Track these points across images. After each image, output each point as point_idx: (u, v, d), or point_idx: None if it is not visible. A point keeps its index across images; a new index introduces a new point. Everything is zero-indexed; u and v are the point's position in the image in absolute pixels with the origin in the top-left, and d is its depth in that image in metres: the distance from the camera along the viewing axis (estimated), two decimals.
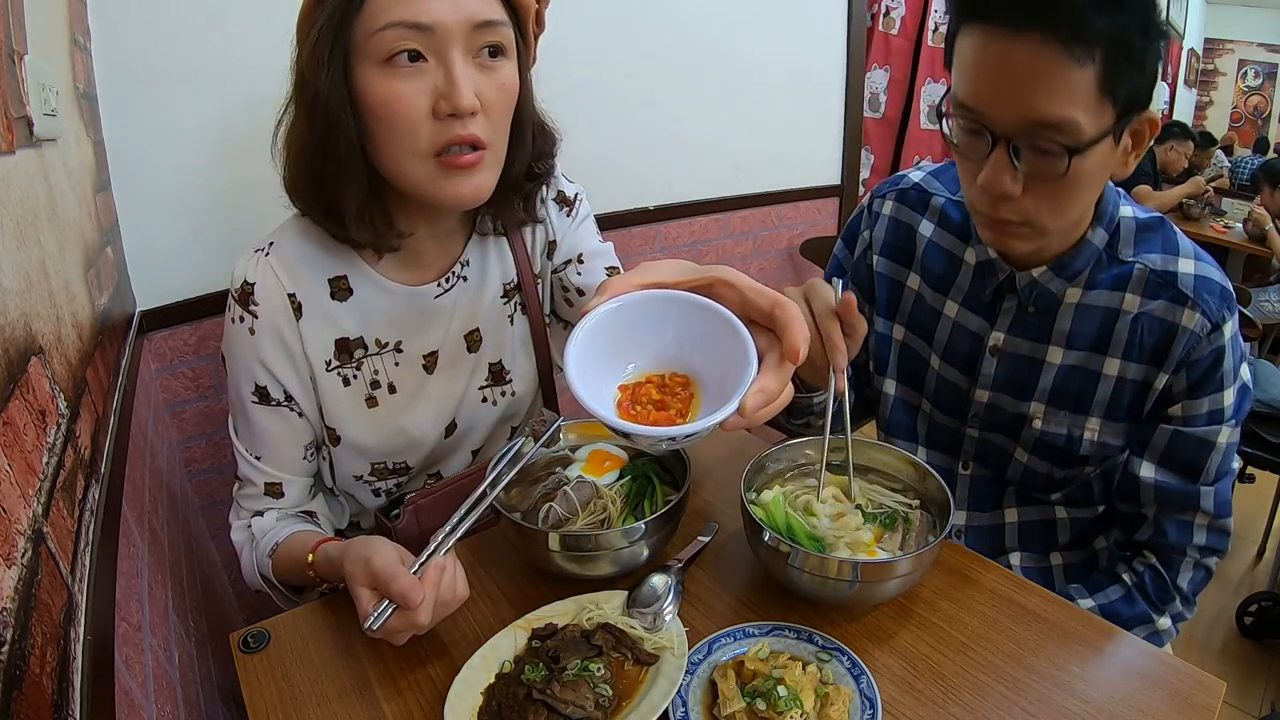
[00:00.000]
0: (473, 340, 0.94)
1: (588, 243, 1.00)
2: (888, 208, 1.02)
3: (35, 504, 0.50)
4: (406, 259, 0.88)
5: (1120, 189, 0.89)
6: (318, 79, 0.71)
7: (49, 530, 0.52)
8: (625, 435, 0.55)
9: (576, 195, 1.00)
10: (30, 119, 0.69)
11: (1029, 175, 0.72)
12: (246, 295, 0.82)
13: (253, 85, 1.27)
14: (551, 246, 0.99)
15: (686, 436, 0.54)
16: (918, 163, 1.16)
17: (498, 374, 0.97)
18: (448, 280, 0.90)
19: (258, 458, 0.88)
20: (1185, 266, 0.83)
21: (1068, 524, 1.01)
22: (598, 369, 0.57)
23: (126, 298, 1.17)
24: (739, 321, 0.56)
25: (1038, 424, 0.91)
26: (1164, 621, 0.90)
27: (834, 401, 0.77)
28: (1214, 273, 0.84)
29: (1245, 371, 0.86)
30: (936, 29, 2.87)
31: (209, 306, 1.32)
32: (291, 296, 0.83)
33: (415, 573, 0.66)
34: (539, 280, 0.99)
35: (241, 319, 0.83)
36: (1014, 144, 0.70)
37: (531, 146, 0.86)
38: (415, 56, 0.70)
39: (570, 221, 0.99)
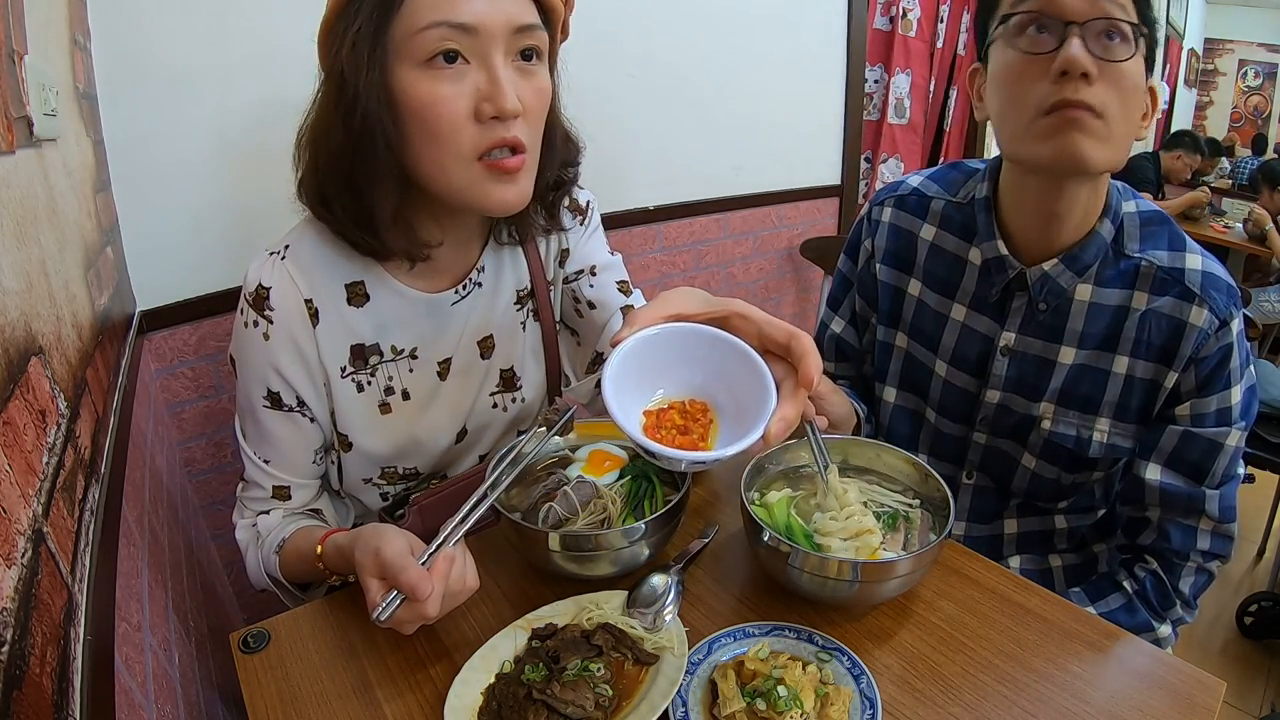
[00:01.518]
0: (485, 346, 0.94)
1: (599, 255, 1.00)
2: (887, 215, 1.01)
3: (35, 504, 0.50)
4: (424, 266, 0.87)
5: (1129, 189, 0.90)
6: (358, 79, 0.70)
7: (49, 530, 0.52)
8: (653, 455, 0.59)
9: (588, 203, 0.99)
10: (30, 119, 0.69)
11: (1099, 63, 0.74)
12: (261, 300, 0.80)
13: (253, 85, 1.27)
14: (564, 255, 0.99)
15: (715, 461, 0.59)
16: (885, 160, 1.15)
17: (509, 380, 0.97)
18: (464, 287, 0.90)
19: (266, 461, 0.87)
20: (1192, 263, 0.84)
21: (1066, 533, 1.00)
22: (628, 393, 0.61)
23: (126, 298, 1.17)
24: (757, 356, 0.61)
25: (1046, 424, 0.90)
26: (1164, 629, 0.89)
27: (817, 446, 0.79)
28: (1219, 269, 0.84)
29: (1252, 371, 0.86)
30: (906, 15, 2.82)
31: (209, 306, 1.32)
32: (308, 302, 0.82)
33: (424, 564, 0.65)
34: (551, 287, 0.99)
35: (255, 324, 0.81)
36: (1084, 28, 0.74)
37: (560, 154, 0.86)
38: (455, 57, 0.70)
39: (583, 230, 0.99)
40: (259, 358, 0.82)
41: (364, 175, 0.75)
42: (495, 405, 0.97)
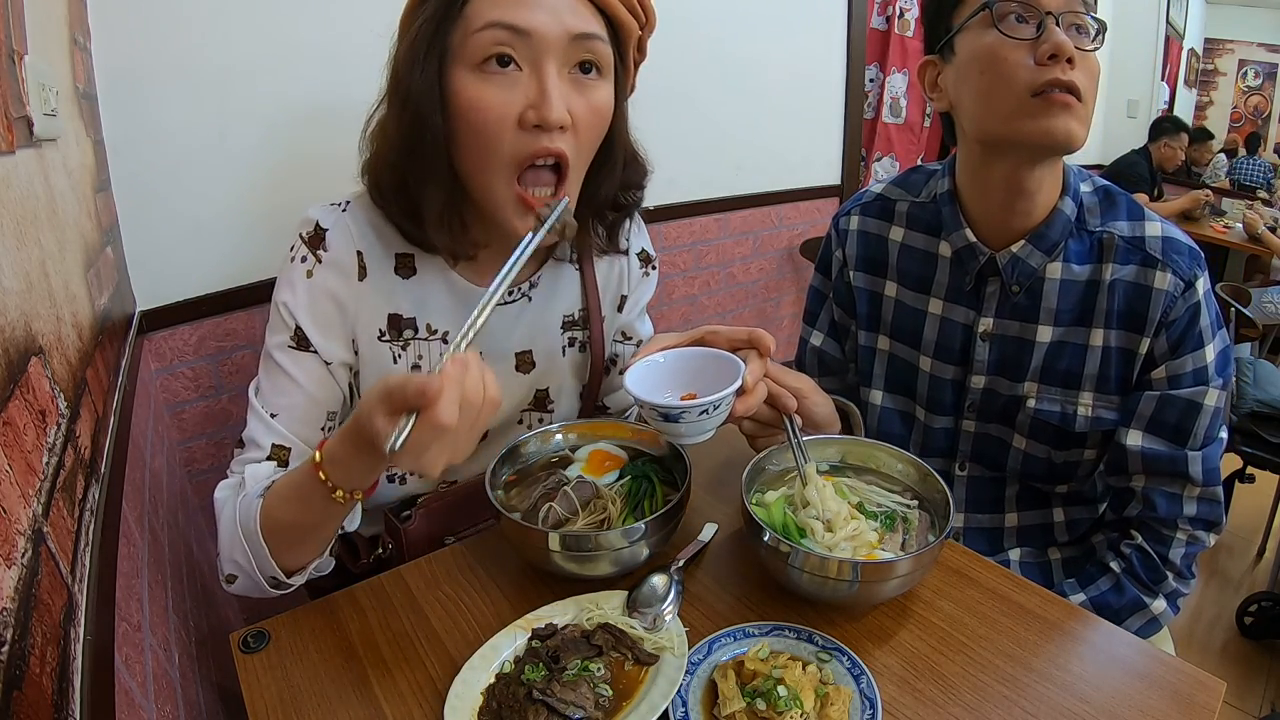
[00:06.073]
0: (524, 361, 0.93)
1: (645, 328, 1.06)
2: (854, 223, 1.05)
3: (35, 504, 0.50)
4: (477, 263, 0.87)
5: (1084, 170, 0.92)
6: (411, 76, 0.72)
7: (49, 530, 0.52)
8: (677, 418, 0.76)
9: (654, 259, 1.04)
10: (30, 119, 0.69)
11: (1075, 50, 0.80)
12: (317, 239, 0.81)
13: (253, 85, 1.27)
14: (622, 301, 1.01)
15: (711, 408, 0.75)
16: (879, 159, 1.18)
17: (541, 400, 0.97)
18: (512, 294, 0.90)
19: (274, 415, 0.82)
20: (1152, 230, 0.88)
21: (1066, 526, 1.01)
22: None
23: (126, 298, 1.17)
24: (727, 352, 0.80)
25: (1032, 403, 0.93)
26: (1158, 604, 0.89)
27: (796, 442, 0.83)
28: (1178, 233, 0.88)
29: (1224, 333, 0.89)
30: (903, 15, 2.80)
31: (209, 306, 1.32)
32: (360, 255, 0.83)
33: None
34: (604, 319, 0.99)
35: (304, 259, 0.81)
36: (1059, 20, 0.79)
37: (621, 175, 0.87)
38: (508, 61, 0.71)
39: (644, 284, 1.03)
40: (296, 294, 0.81)
41: (415, 172, 0.77)
42: (521, 421, 0.97)
